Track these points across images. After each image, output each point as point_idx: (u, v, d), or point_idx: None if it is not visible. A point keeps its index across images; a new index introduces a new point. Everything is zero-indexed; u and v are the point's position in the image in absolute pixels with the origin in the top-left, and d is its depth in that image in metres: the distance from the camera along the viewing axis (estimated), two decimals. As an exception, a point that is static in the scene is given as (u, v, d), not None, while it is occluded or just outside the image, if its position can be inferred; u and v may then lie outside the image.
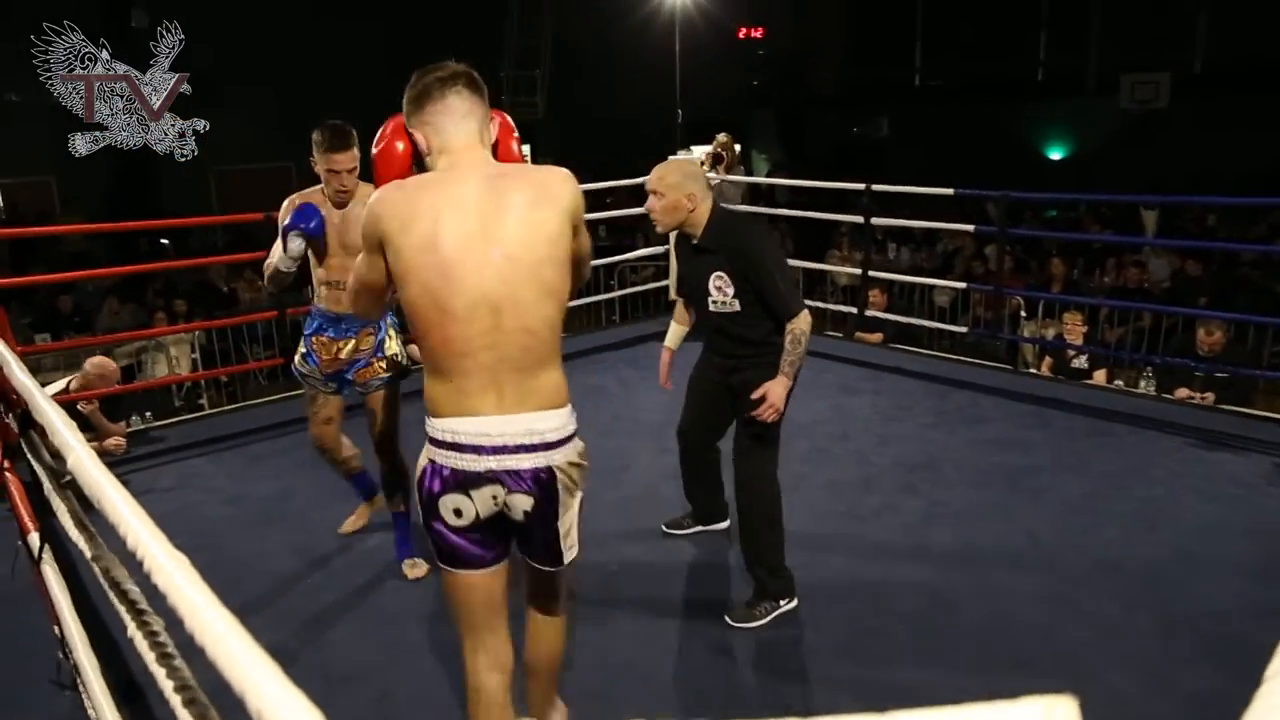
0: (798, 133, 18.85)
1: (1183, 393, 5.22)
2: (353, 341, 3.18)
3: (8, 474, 2.95)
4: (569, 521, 1.99)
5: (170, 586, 0.90)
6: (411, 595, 3.22)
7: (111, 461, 4.47)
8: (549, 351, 1.86)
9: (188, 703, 1.09)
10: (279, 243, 3.06)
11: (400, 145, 2.00)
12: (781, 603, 3.02)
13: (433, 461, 1.84)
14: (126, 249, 10.90)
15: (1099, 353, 5.89)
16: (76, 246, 11.12)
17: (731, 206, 3.12)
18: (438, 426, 1.81)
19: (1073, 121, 15.40)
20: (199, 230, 12.15)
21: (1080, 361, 5.89)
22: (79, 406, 4.52)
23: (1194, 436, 4.51)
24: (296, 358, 3.29)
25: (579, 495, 2.02)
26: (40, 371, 5.80)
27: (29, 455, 2.31)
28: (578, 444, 2.00)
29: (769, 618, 2.99)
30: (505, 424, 1.80)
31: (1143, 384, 5.83)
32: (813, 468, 4.22)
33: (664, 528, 3.65)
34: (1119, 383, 5.87)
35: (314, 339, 3.21)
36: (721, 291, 2.95)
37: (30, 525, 2.69)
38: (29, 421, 2.18)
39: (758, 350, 2.97)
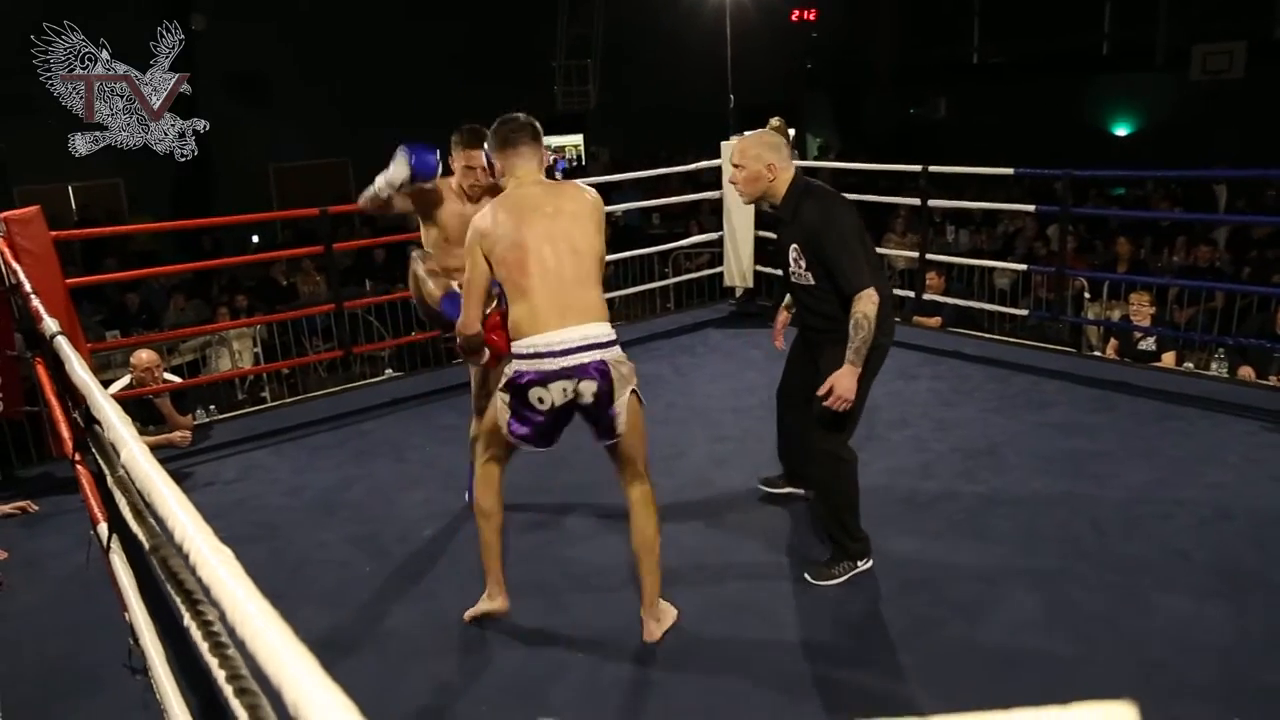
0: (854, 115, 18.59)
1: (1245, 372, 5.02)
2: None
3: (79, 466, 3.04)
4: (620, 405, 2.65)
5: (214, 579, 0.91)
6: (469, 586, 3.25)
7: (177, 454, 4.60)
8: (595, 281, 2.68)
9: (239, 692, 1.10)
10: (382, 174, 3.25)
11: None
12: (859, 563, 3.12)
13: (522, 370, 2.59)
14: (191, 247, 11.20)
15: (1167, 334, 5.70)
16: (143, 246, 11.45)
17: (813, 180, 3.13)
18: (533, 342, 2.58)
19: (1140, 96, 14.92)
20: (260, 227, 12.41)
21: (1148, 343, 5.71)
22: (156, 400, 4.68)
23: (1270, 420, 4.33)
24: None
25: (629, 388, 2.67)
26: (110, 368, 5.99)
27: (93, 449, 2.37)
28: (620, 351, 2.68)
29: (846, 576, 3.10)
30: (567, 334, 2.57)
31: (1214, 366, 5.63)
32: (870, 455, 4.14)
33: (760, 484, 3.76)
34: (1189, 365, 5.68)
35: None
36: (796, 264, 3.02)
37: (99, 515, 2.77)
38: (93, 416, 2.25)
39: (831, 325, 2.98)
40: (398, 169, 3.25)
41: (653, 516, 2.78)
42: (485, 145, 3.00)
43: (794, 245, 3.00)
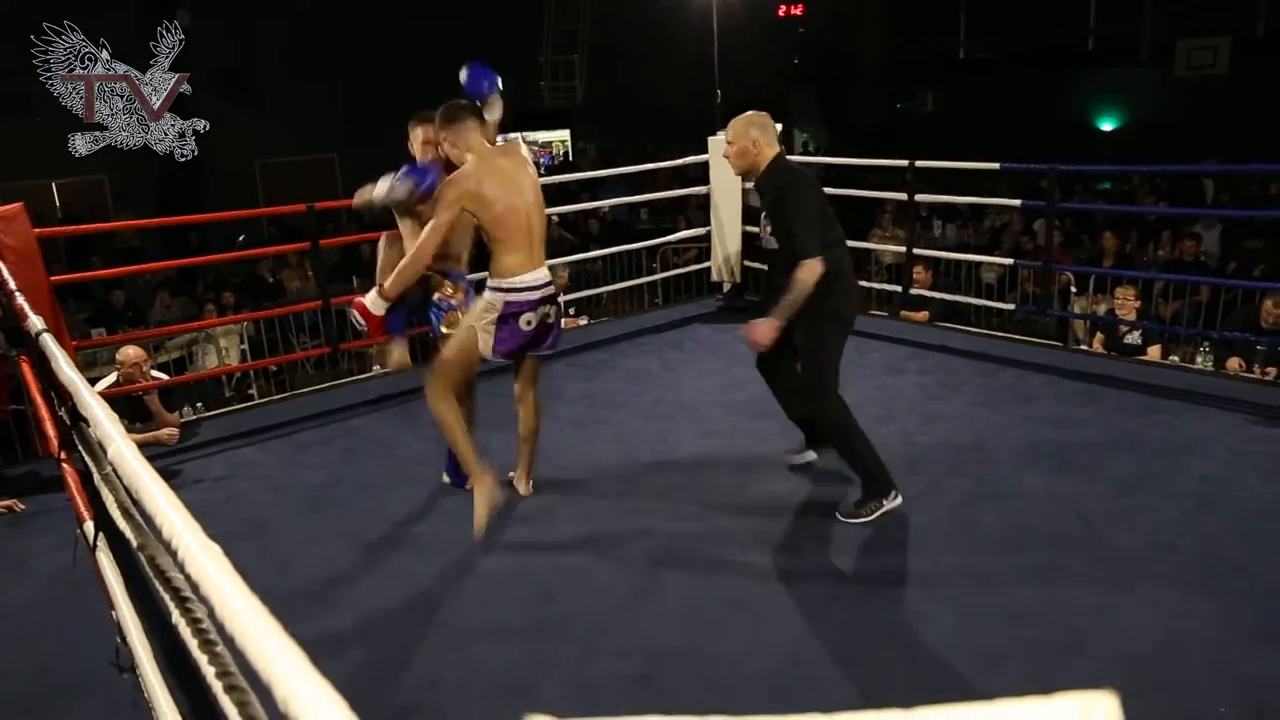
0: (840, 111, 18.61)
1: (1233, 364, 5.06)
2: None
3: (64, 465, 3.03)
4: (562, 323, 3.62)
5: (202, 575, 0.91)
6: (460, 582, 3.25)
7: (164, 451, 4.57)
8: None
9: (228, 689, 1.10)
10: (384, 181, 3.45)
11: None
12: (884, 501, 3.43)
13: (515, 301, 3.36)
14: (176, 244, 11.13)
15: (1153, 328, 5.73)
16: (128, 243, 11.37)
17: (793, 162, 3.50)
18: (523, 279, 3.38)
19: (1125, 91, 14.98)
20: (246, 223, 12.33)
21: (1134, 337, 5.75)
22: (145, 397, 4.66)
23: (1255, 413, 4.37)
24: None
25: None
26: (96, 365, 5.95)
27: (80, 447, 2.36)
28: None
29: (874, 515, 3.42)
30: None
31: (1200, 359, 5.67)
32: (857, 449, 4.17)
33: (786, 459, 4.00)
34: (1174, 358, 5.72)
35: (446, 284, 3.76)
36: (764, 229, 3.49)
37: (85, 514, 2.76)
38: (79, 414, 2.23)
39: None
40: (401, 188, 3.41)
41: (539, 413, 3.79)
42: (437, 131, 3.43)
43: (765, 213, 3.44)
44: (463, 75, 3.66)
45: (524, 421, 3.77)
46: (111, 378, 4.77)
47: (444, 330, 3.72)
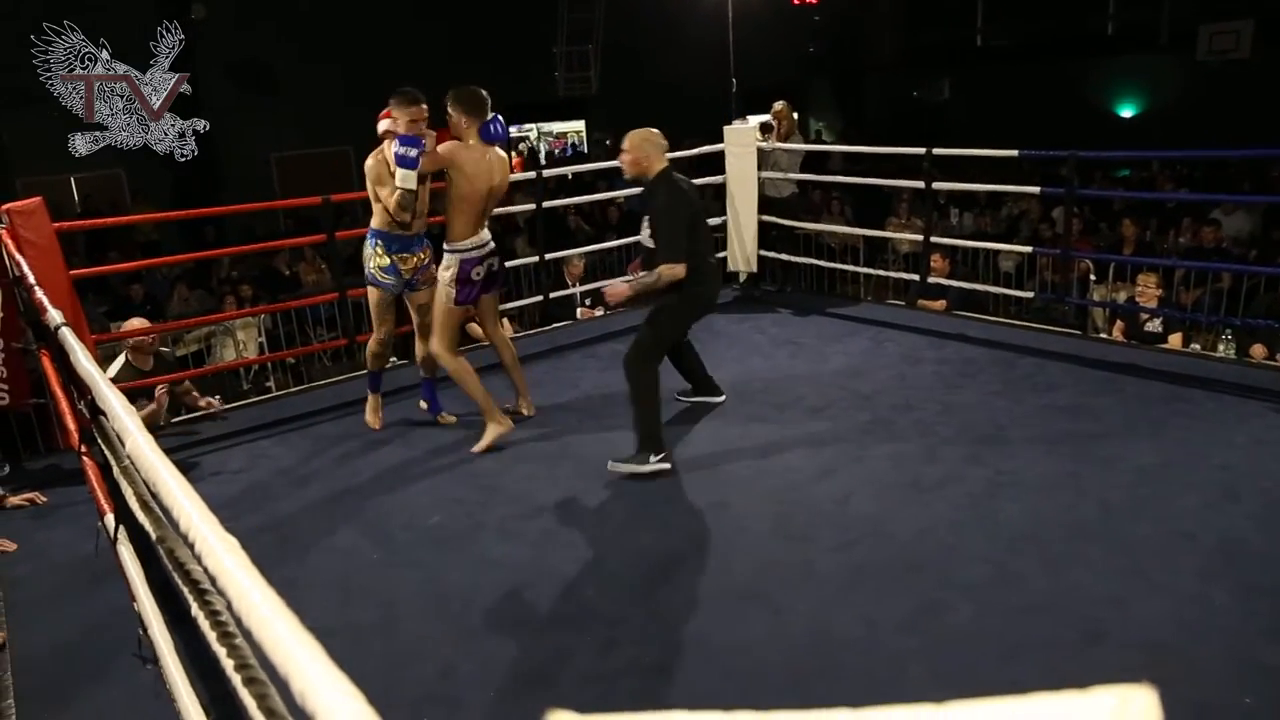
0: (856, 99, 18.48)
1: (1258, 350, 5.00)
2: (416, 257, 4.39)
3: (85, 458, 3.05)
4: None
5: (220, 569, 0.91)
6: (477, 574, 3.26)
7: (182, 444, 4.61)
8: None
9: (247, 681, 1.11)
10: (400, 170, 4.01)
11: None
12: (652, 458, 3.86)
13: (467, 260, 4.17)
14: (194, 237, 11.18)
15: (1174, 315, 5.67)
16: (147, 236, 11.43)
17: (676, 175, 4.03)
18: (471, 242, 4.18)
19: (1144, 77, 14.80)
20: (263, 216, 12.38)
21: (1154, 325, 5.69)
22: (201, 404, 5.00)
23: (1277, 402, 4.32)
24: (378, 273, 4.36)
25: None
26: (115, 359, 5.98)
27: (99, 440, 2.38)
28: None
29: (641, 468, 3.85)
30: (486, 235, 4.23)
31: (1221, 347, 5.61)
32: (875, 438, 4.16)
33: (676, 395, 4.68)
34: (1196, 346, 5.66)
35: (397, 256, 4.34)
36: (644, 231, 4.02)
37: (106, 507, 2.78)
38: (98, 407, 2.25)
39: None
40: (415, 154, 3.98)
41: (508, 343, 4.65)
42: (448, 103, 4.13)
43: (647, 217, 4.00)
44: (409, 173, 4.06)
45: (502, 354, 4.59)
46: (120, 361, 4.82)
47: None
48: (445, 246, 4.18)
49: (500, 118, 4.25)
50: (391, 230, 4.30)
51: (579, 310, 6.87)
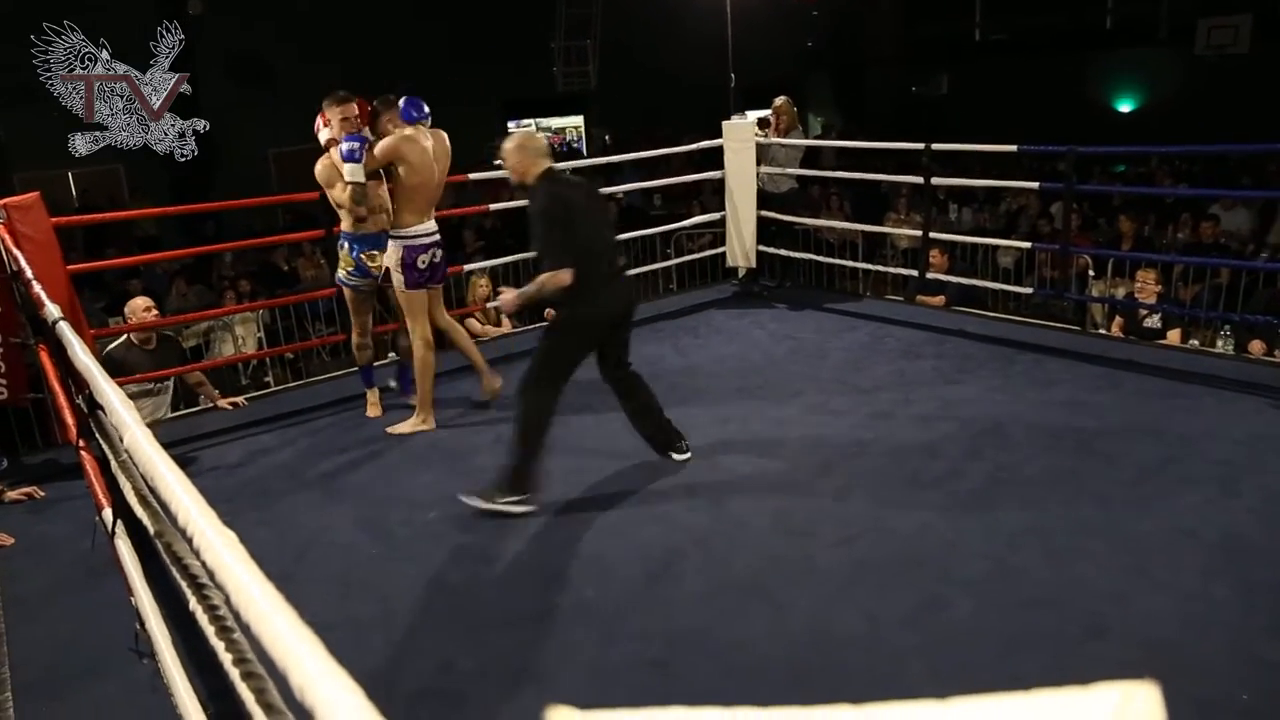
0: (855, 94, 18.45)
1: (1256, 346, 4.99)
2: (384, 253, 4.44)
3: (83, 452, 3.04)
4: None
5: (219, 563, 0.90)
6: (476, 568, 3.26)
7: (180, 439, 4.59)
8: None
9: (245, 676, 1.10)
10: (347, 165, 4.15)
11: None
12: (514, 501, 3.53)
13: (411, 246, 4.32)
14: (193, 233, 11.16)
15: (1173, 311, 5.67)
16: (145, 231, 11.41)
17: (557, 179, 3.76)
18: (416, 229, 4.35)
19: (1143, 72, 14.79)
20: (261, 212, 12.35)
21: (1153, 321, 5.68)
22: (224, 404, 5.01)
23: (1276, 397, 4.31)
24: (344, 275, 4.52)
25: None
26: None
27: (97, 434, 2.37)
28: None
29: (496, 506, 3.52)
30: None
31: (1220, 343, 5.61)
32: (874, 434, 4.15)
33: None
34: (1194, 342, 5.65)
35: (365, 254, 4.45)
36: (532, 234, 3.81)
37: (104, 501, 2.77)
38: (96, 402, 2.24)
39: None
40: (360, 152, 4.14)
41: (454, 325, 4.83)
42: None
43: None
44: (354, 166, 4.19)
45: (457, 338, 4.80)
46: (119, 341, 4.84)
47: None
48: (390, 234, 4.33)
49: (414, 99, 4.36)
50: (356, 230, 4.42)
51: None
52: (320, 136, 4.42)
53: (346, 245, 4.46)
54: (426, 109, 4.42)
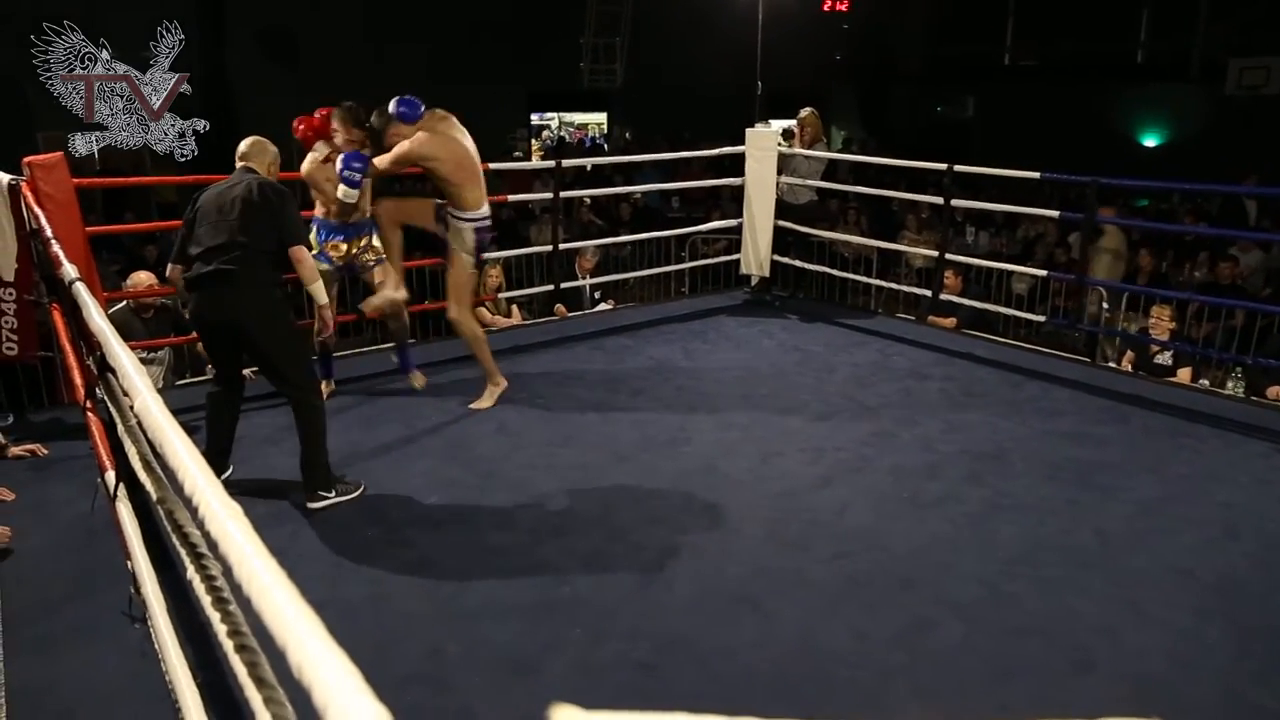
0: (880, 110, 18.43)
1: (1275, 392, 4.98)
2: (352, 244, 4.53)
3: (89, 413, 3.06)
4: None
5: (222, 534, 0.91)
6: (472, 558, 3.26)
7: (184, 408, 4.60)
8: None
9: (239, 648, 1.11)
10: (342, 187, 4.23)
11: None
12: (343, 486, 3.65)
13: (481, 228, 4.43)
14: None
15: (1185, 350, 5.65)
16: (165, 198, 11.44)
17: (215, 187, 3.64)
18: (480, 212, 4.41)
19: (1171, 107, 14.73)
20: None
21: (1164, 358, 5.67)
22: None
23: (1282, 442, 4.30)
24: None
25: None
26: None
27: (105, 397, 2.38)
28: None
29: (347, 494, 3.62)
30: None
31: (1230, 385, 5.59)
32: (877, 451, 4.15)
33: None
34: (1204, 382, 5.63)
35: (329, 243, 4.51)
36: None
37: (107, 464, 2.79)
38: (107, 364, 2.25)
39: None
40: (359, 175, 4.22)
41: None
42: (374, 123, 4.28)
43: None
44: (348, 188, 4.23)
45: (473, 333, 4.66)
46: (120, 306, 4.88)
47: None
48: (456, 215, 4.34)
49: (404, 99, 4.26)
50: (327, 218, 4.49)
51: (555, 306, 6.81)
52: (319, 145, 4.47)
53: (315, 228, 4.50)
54: (418, 102, 4.29)
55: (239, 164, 3.67)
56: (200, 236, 3.49)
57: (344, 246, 4.53)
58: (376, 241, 4.62)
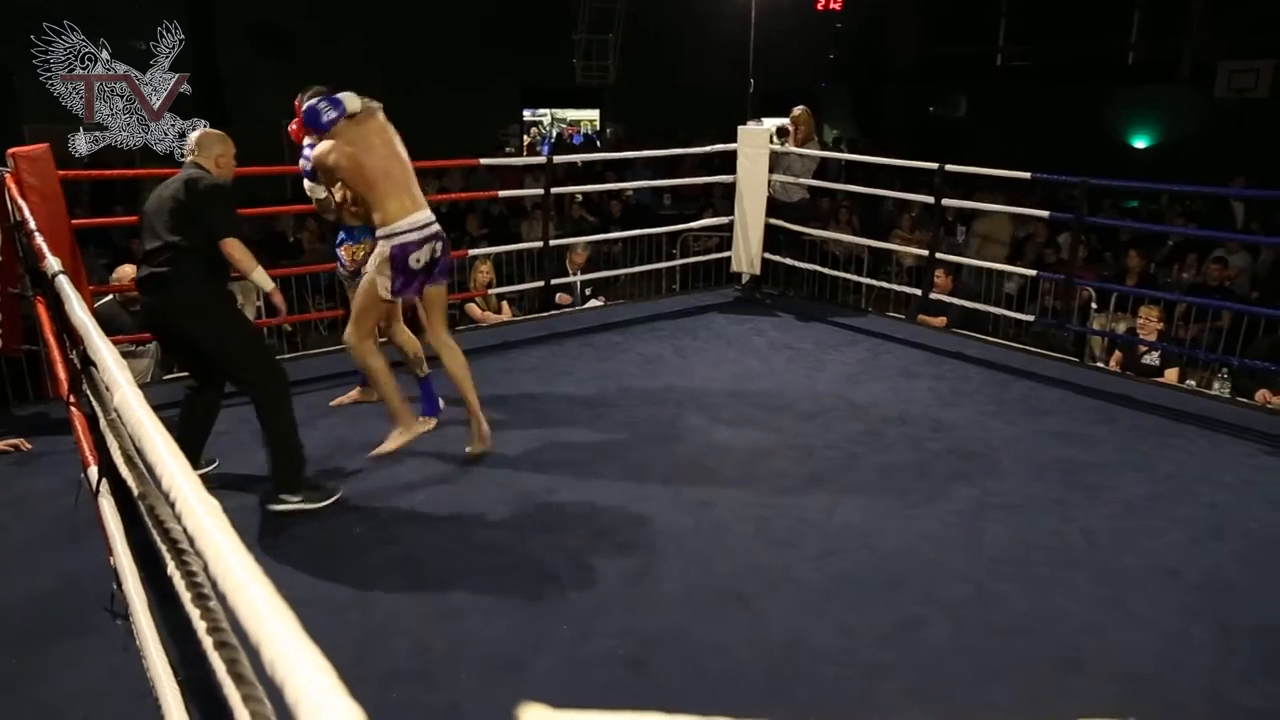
0: (873, 109, 18.46)
1: (1263, 395, 5.00)
2: (360, 247, 4.32)
3: (72, 408, 3.03)
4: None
5: (199, 530, 0.89)
6: (458, 554, 3.25)
7: (170, 402, 4.57)
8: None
9: (218, 645, 1.09)
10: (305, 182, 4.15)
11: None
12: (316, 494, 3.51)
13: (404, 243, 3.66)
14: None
15: (1173, 350, 5.67)
16: (153, 192, 11.38)
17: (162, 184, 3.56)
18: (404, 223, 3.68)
19: (1161, 109, 14.80)
20: (269, 181, 12.32)
21: (1151, 358, 5.69)
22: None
23: (1269, 443, 4.32)
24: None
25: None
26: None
27: (88, 391, 2.36)
28: None
29: (313, 504, 3.46)
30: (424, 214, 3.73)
31: (1217, 385, 5.61)
32: (866, 449, 4.15)
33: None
34: (1191, 383, 5.65)
35: (345, 247, 4.37)
36: None
37: (90, 458, 2.76)
38: (89, 359, 2.23)
39: None
40: (309, 184, 4.16)
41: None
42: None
43: None
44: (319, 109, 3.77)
45: (452, 363, 3.94)
46: (108, 299, 4.86)
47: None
48: (377, 233, 3.74)
49: (318, 100, 3.79)
50: (341, 221, 4.42)
51: (556, 295, 6.80)
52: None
53: (339, 233, 4.43)
54: (326, 111, 3.73)
55: (187, 158, 3.56)
56: (142, 239, 3.49)
57: (355, 249, 4.35)
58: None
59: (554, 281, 6.45)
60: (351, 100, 3.74)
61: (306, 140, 4.01)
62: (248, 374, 3.47)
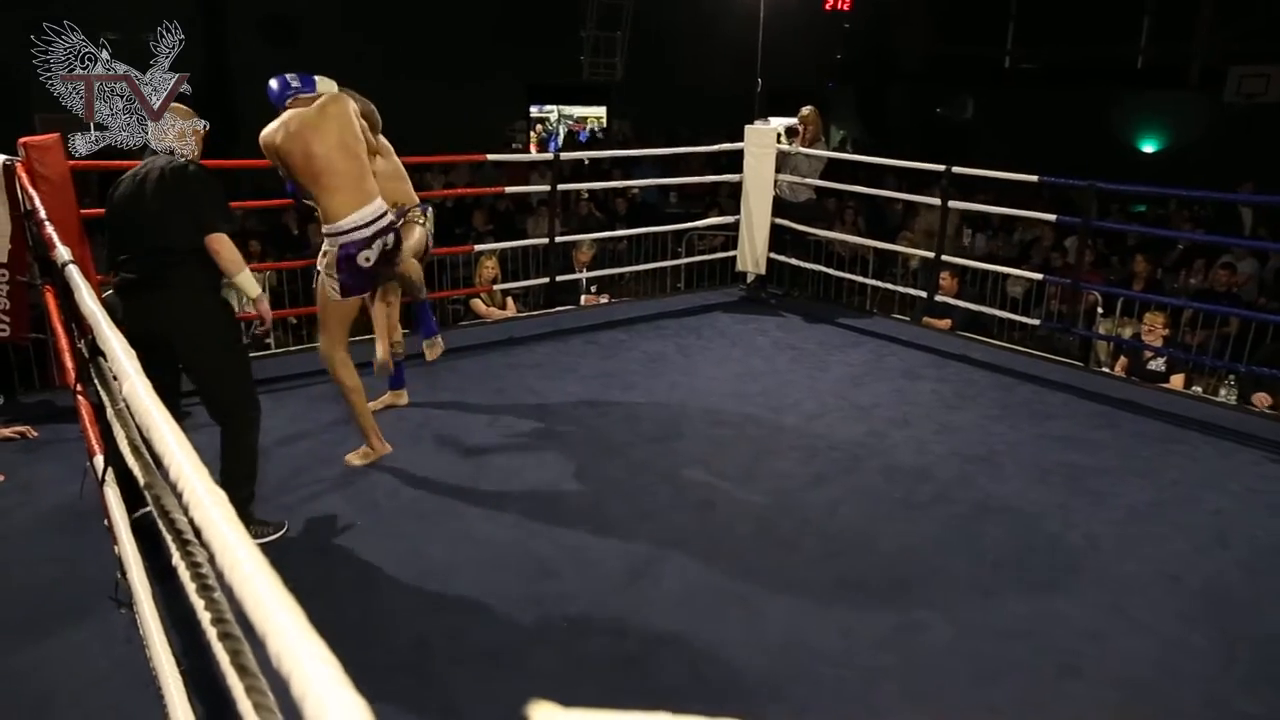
0: (879, 110, 18.43)
1: (1262, 399, 4.98)
2: None
3: (80, 396, 3.04)
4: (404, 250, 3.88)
5: (206, 520, 0.90)
6: (459, 549, 3.26)
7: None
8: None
9: (222, 636, 1.10)
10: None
11: None
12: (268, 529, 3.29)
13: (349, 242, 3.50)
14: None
15: (1179, 356, 5.66)
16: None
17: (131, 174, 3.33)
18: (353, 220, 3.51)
19: (1170, 114, 14.75)
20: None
21: (1157, 364, 5.67)
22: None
23: (1275, 451, 4.31)
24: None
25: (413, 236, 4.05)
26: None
27: (96, 380, 2.37)
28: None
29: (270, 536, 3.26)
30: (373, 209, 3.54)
31: (1223, 392, 5.59)
32: (869, 451, 4.15)
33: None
34: (1197, 389, 5.64)
35: None
36: None
37: (96, 447, 2.78)
38: (98, 347, 2.24)
39: None
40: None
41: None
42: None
43: None
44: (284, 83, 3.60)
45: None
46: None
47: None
48: (324, 231, 3.57)
49: (277, 79, 3.61)
50: None
51: (583, 296, 6.86)
52: None
53: None
54: (290, 81, 3.58)
55: (160, 144, 3.33)
56: (120, 240, 3.17)
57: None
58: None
59: (559, 278, 6.45)
60: (324, 83, 3.56)
61: None
62: (234, 403, 3.20)
